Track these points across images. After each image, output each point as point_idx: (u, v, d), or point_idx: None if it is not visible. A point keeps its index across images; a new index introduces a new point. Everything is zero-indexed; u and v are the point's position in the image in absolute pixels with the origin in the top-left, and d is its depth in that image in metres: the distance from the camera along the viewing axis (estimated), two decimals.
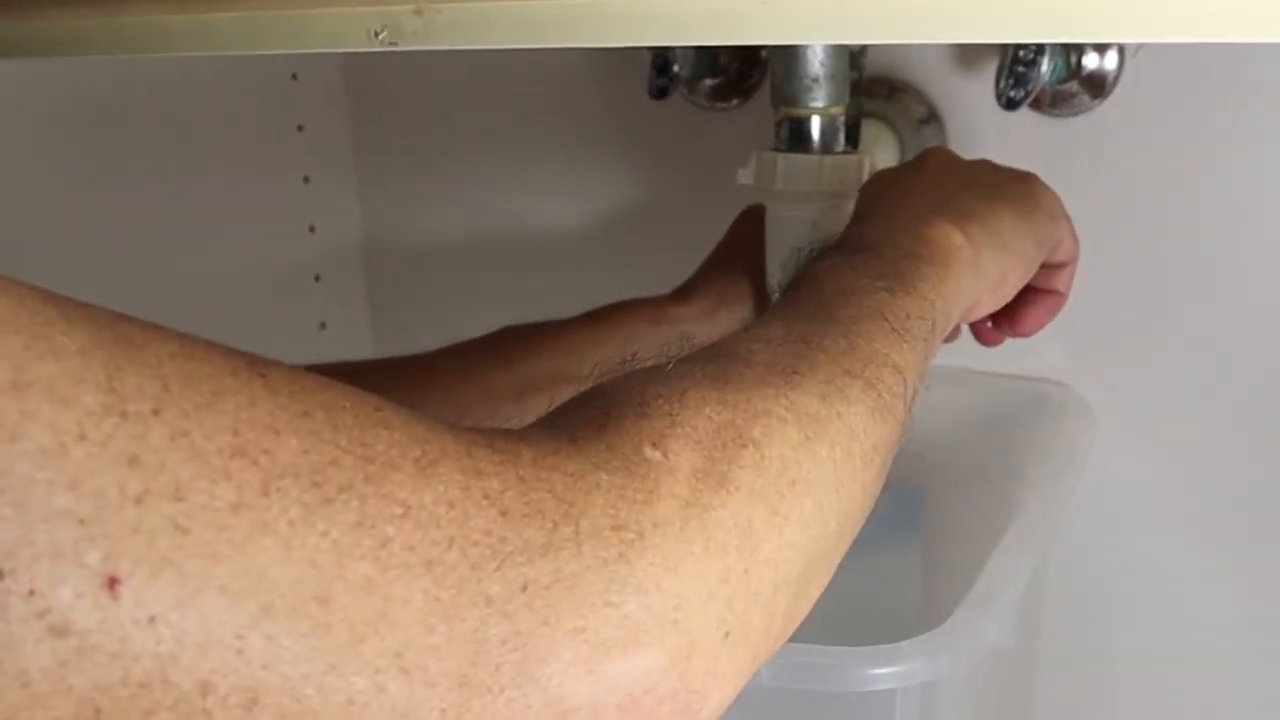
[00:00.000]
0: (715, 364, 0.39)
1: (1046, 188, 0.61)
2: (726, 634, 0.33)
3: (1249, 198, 0.79)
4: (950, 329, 0.53)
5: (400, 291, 1.05)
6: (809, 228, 0.69)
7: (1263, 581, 0.83)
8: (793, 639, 0.47)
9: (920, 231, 0.52)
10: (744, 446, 0.35)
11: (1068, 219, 0.62)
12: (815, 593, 0.39)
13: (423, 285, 1.03)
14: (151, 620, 0.24)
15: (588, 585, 0.30)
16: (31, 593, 0.23)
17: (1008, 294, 0.57)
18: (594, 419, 0.34)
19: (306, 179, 1.00)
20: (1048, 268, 0.62)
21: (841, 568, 0.43)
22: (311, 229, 1.01)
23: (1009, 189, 0.59)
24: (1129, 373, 0.83)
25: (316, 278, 1.02)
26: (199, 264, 0.91)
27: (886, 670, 0.53)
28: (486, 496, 0.29)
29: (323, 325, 1.03)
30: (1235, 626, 0.84)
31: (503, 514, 0.29)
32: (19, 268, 0.27)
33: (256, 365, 0.28)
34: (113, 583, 0.24)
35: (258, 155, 0.97)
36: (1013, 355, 0.78)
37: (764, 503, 0.35)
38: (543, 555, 0.29)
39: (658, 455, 0.33)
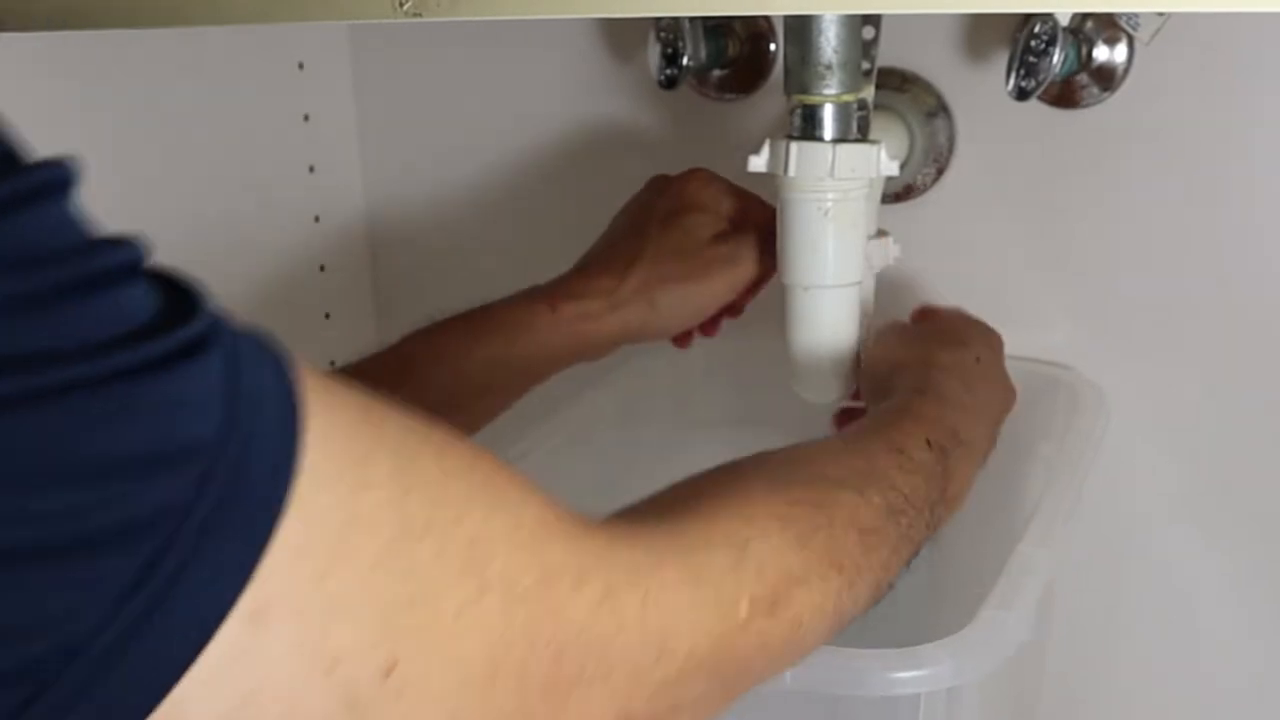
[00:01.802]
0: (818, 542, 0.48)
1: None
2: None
3: (1259, 188, 0.79)
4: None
5: (405, 280, 1.05)
6: (821, 215, 0.69)
7: (1272, 570, 0.83)
8: None
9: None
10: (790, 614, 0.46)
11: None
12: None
13: (428, 274, 1.03)
14: (400, 691, 0.33)
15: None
16: (344, 681, 0.32)
17: None
18: (714, 560, 0.43)
19: (312, 168, 1.00)
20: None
21: None
22: (316, 219, 1.01)
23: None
24: (1140, 363, 0.83)
25: (321, 268, 1.02)
26: (203, 252, 0.91)
27: (911, 674, 0.51)
28: (608, 598, 0.39)
29: (327, 315, 1.03)
30: (1244, 615, 0.84)
31: (617, 619, 0.39)
32: None
33: (490, 477, 0.36)
34: (390, 668, 0.33)
35: (263, 143, 0.97)
36: (1021, 334, 0.78)
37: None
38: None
39: (746, 609, 0.43)
